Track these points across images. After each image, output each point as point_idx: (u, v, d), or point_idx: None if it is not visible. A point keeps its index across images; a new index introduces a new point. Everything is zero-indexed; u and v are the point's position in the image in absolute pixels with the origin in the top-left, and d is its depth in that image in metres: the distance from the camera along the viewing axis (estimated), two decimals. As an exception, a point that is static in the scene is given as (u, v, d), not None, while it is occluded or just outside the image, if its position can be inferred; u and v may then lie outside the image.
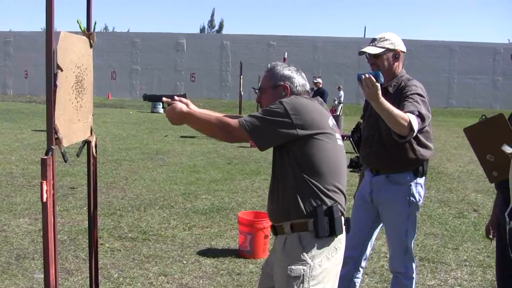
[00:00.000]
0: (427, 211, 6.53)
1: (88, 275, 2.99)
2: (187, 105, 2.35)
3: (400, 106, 2.82)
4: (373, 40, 3.09)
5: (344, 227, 2.29)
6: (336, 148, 2.31)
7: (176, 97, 2.39)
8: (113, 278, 4.10)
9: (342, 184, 2.31)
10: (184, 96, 2.48)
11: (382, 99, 2.62)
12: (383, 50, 3.02)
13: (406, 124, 2.67)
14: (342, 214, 2.28)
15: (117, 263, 4.42)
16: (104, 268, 4.24)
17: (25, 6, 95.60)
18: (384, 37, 3.06)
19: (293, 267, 2.21)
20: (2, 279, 3.99)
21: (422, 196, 3.15)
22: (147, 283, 4.04)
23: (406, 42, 3.25)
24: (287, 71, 2.40)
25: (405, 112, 2.72)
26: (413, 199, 3.05)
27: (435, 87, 30.35)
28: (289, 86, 2.37)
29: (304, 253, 2.21)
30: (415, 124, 2.71)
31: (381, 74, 2.62)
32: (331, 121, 2.35)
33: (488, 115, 2.68)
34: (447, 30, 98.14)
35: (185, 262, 4.52)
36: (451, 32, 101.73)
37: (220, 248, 4.94)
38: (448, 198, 7.50)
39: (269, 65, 2.49)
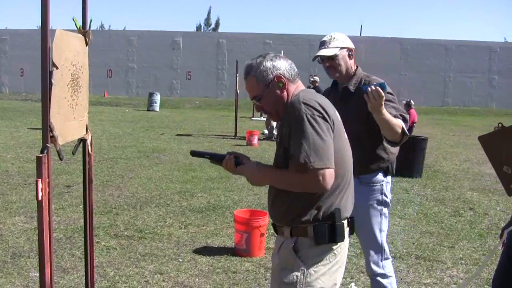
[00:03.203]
0: (423, 210, 6.55)
1: (84, 273, 2.98)
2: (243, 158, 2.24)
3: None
4: (323, 42, 3.04)
5: (348, 230, 2.20)
6: (343, 145, 2.16)
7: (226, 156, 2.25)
8: (109, 277, 4.09)
9: (349, 183, 2.19)
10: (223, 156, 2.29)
11: (385, 110, 2.64)
12: (337, 49, 2.99)
13: (400, 131, 2.73)
14: (346, 219, 2.17)
15: (113, 261, 4.42)
16: (100, 266, 4.23)
17: (21, 4, 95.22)
18: (334, 37, 3.03)
19: (287, 273, 2.14)
20: (-2, 278, 3.99)
21: (391, 194, 3.17)
22: (143, 281, 4.03)
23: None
24: (267, 62, 2.15)
25: None
26: (385, 198, 3.08)
27: (431, 85, 30.39)
28: (281, 74, 2.15)
29: (300, 260, 2.12)
30: (405, 128, 2.76)
31: (386, 85, 2.61)
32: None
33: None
34: (443, 29, 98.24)
35: (181, 260, 4.52)
36: (447, 31, 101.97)
37: (216, 246, 4.94)
38: (444, 196, 7.51)
39: (244, 70, 2.21)
